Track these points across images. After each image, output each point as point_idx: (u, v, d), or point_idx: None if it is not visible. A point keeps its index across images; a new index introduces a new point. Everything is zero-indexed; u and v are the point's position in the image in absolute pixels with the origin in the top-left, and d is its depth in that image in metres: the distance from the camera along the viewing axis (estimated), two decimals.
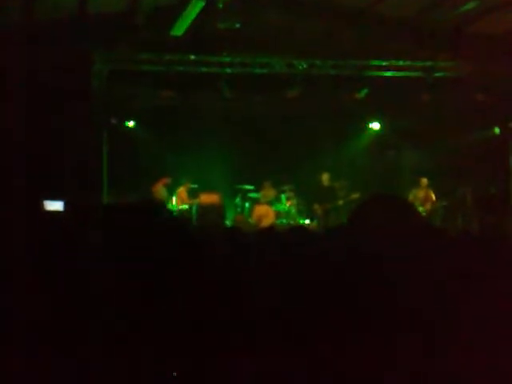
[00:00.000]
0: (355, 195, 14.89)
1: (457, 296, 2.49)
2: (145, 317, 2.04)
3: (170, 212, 2.37)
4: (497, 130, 15.66)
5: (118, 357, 1.95)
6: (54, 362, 1.96)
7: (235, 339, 2.37)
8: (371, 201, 2.47)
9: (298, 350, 2.36)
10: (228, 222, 15.88)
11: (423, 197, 14.94)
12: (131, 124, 16.07)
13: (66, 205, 11.36)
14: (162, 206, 2.44)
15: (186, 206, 15.45)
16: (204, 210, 15.43)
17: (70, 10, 12.29)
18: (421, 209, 14.44)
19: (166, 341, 2.04)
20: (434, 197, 15.12)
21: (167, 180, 15.46)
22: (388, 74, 14.57)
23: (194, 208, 15.57)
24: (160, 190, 15.35)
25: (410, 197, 14.88)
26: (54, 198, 11.55)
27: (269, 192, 16.11)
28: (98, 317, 2.07)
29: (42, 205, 11.20)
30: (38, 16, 11.93)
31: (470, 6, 11.82)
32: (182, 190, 15.59)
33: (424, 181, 15.16)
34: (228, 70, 14.21)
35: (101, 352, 1.95)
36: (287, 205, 16.07)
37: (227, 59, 14.17)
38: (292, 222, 15.64)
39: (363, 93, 15.10)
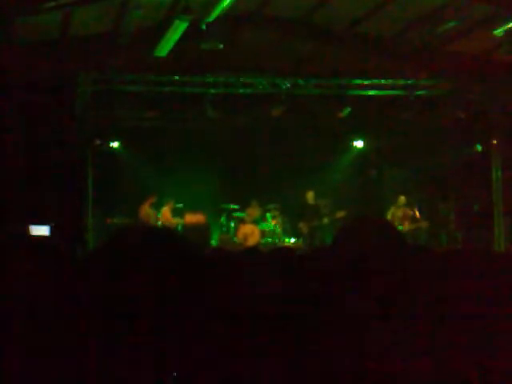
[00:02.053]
0: (340, 213, 14.95)
1: (445, 313, 2.53)
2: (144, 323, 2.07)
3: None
4: (479, 147, 15.80)
5: (119, 357, 1.97)
6: (54, 364, 1.98)
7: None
8: (355, 223, 2.52)
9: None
10: (213, 242, 15.89)
11: (401, 215, 14.98)
12: (116, 145, 16.07)
13: (52, 229, 11.32)
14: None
15: (171, 222, 15.45)
16: (189, 229, 15.43)
17: (54, 32, 12.32)
18: (400, 228, 14.47)
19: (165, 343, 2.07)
20: (418, 214, 15.19)
21: (153, 199, 15.45)
22: (370, 92, 14.71)
23: (180, 228, 15.58)
24: (146, 209, 15.34)
25: (389, 216, 14.92)
26: (39, 222, 11.50)
27: (254, 211, 16.13)
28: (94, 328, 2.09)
29: (28, 230, 11.14)
30: (21, 38, 11.94)
31: (449, 25, 11.97)
32: (165, 210, 15.59)
33: (402, 199, 15.21)
34: (212, 90, 14.28)
35: (101, 353, 1.97)
36: (272, 223, 16.09)
37: (211, 79, 14.24)
38: (277, 241, 15.68)
39: (346, 111, 15.21)
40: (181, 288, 2.10)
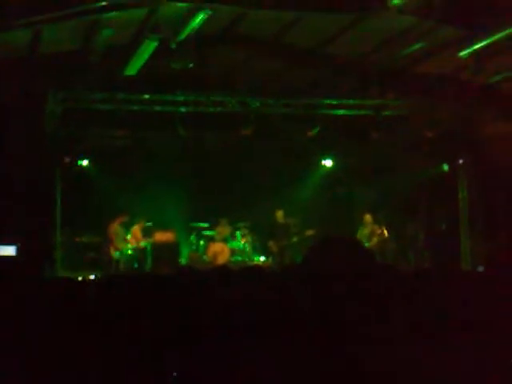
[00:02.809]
0: (309, 232, 15.01)
1: (412, 333, 2.57)
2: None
3: None
4: (445, 167, 16.00)
5: (119, 358, 1.98)
6: (56, 362, 1.98)
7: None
8: (325, 241, 2.56)
9: None
10: (183, 260, 15.84)
11: (368, 233, 15.12)
12: (85, 163, 15.99)
13: (18, 249, 11.21)
14: None
15: (141, 243, 15.40)
16: (158, 248, 15.38)
17: (23, 50, 12.26)
18: (367, 244, 14.59)
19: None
20: (386, 233, 15.30)
21: (124, 218, 15.38)
22: (339, 112, 14.84)
23: (149, 246, 15.52)
24: (116, 228, 15.26)
25: (358, 235, 15.06)
26: (5, 242, 11.39)
27: (224, 229, 16.14)
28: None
29: None
30: None
31: (416, 47, 12.17)
32: (136, 229, 15.53)
33: (368, 217, 15.36)
34: (182, 109, 14.29)
35: (101, 354, 1.98)
36: (242, 242, 16.11)
37: (181, 98, 14.26)
38: (247, 259, 15.69)
39: (315, 131, 15.32)
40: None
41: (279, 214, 15.54)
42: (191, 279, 3.68)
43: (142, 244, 15.42)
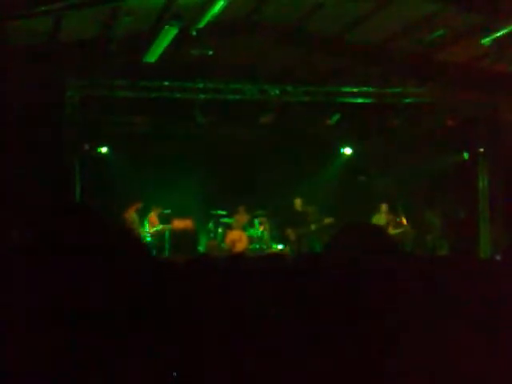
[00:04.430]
0: (328, 220, 14.97)
1: (432, 322, 2.56)
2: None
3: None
4: (466, 155, 15.90)
5: (118, 357, 1.98)
6: (51, 364, 1.99)
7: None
8: (349, 228, 2.55)
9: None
10: (201, 248, 15.88)
11: (384, 223, 14.98)
12: (104, 150, 16.04)
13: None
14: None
15: (158, 228, 15.43)
16: (176, 235, 15.42)
17: (43, 37, 12.31)
18: None
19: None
20: (404, 221, 15.24)
21: (138, 205, 15.41)
22: (359, 100, 14.77)
23: (167, 233, 15.56)
24: (131, 215, 15.30)
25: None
26: (26, 227, 11.47)
27: (242, 217, 16.14)
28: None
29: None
30: (11, 42, 11.92)
31: (438, 34, 12.08)
32: (152, 215, 15.58)
33: (383, 206, 15.25)
34: (201, 96, 14.29)
35: (99, 353, 1.98)
36: (260, 230, 16.11)
37: (200, 85, 14.26)
38: (265, 247, 15.70)
39: (335, 119, 15.27)
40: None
41: (298, 201, 15.52)
42: (204, 268, 3.67)
43: (159, 228, 15.44)
